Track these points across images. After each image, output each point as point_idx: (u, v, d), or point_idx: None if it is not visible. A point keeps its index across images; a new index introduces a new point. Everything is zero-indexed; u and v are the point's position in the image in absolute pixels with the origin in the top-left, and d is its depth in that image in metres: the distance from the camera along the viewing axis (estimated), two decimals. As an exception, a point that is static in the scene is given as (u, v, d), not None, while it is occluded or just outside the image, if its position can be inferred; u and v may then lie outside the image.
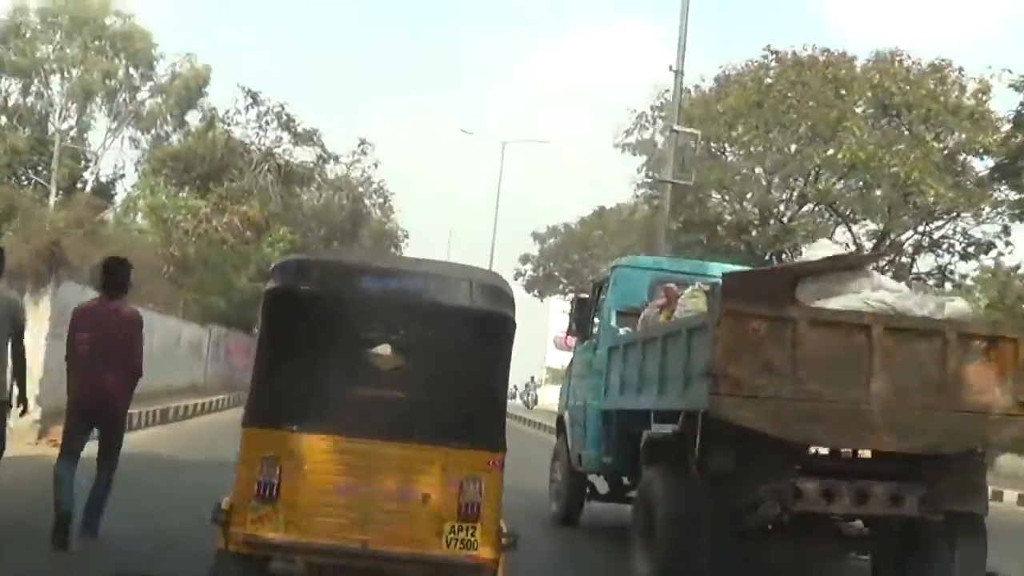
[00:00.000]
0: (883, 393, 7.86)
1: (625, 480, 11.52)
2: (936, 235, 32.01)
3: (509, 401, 9.43)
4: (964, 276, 31.15)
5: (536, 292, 57.51)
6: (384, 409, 6.66)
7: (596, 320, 11.94)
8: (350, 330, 6.68)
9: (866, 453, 8.52)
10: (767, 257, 31.37)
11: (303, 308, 6.73)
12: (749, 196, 32.38)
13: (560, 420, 12.73)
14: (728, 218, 32.97)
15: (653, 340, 9.21)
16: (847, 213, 32.27)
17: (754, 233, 32.75)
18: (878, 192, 30.39)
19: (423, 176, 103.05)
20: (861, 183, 30.67)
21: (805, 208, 33.13)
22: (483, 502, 6.43)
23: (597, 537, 12.08)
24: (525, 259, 56.79)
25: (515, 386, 56.46)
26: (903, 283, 10.01)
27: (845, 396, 7.82)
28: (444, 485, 6.43)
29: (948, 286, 30.20)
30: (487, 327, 6.88)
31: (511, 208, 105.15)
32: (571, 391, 12.43)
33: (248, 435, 6.60)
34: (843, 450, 8.61)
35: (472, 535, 6.39)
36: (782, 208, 33.09)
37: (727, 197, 32.92)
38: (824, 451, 8.69)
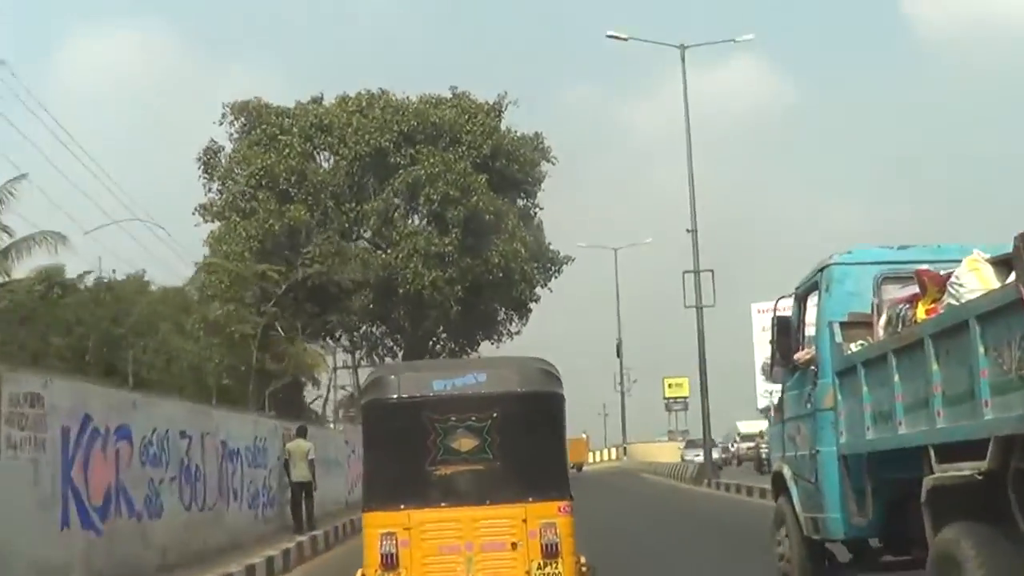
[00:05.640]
0: None
1: (875, 543, 8.68)
2: None
3: None
4: None
5: None
6: (469, 481, 8.41)
7: (806, 341, 9.18)
8: (432, 423, 8.37)
9: None
10: None
11: (393, 413, 8.60)
12: None
13: (778, 477, 9.85)
14: None
15: (915, 345, 6.45)
16: None
17: None
18: None
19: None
20: None
21: None
22: (560, 542, 8.10)
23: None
24: None
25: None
26: None
27: None
28: (527, 533, 8.15)
29: None
30: (541, 404, 8.65)
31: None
32: (787, 438, 9.60)
33: (368, 518, 8.44)
34: None
35: (556, 568, 8.08)
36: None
37: None
38: None
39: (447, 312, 38.42)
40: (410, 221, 38.35)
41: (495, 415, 8.37)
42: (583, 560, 8.37)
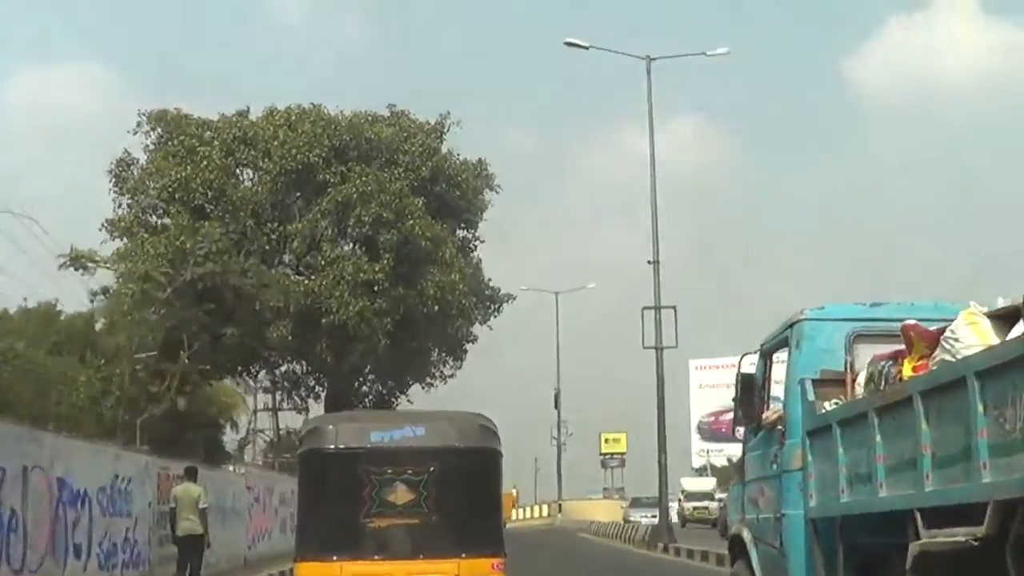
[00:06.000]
0: None
1: None
2: None
3: None
4: None
5: None
6: (404, 534, 8.54)
7: (772, 399, 8.92)
8: (368, 475, 8.47)
9: None
10: None
11: (330, 464, 8.74)
12: None
13: (737, 540, 9.51)
14: None
15: (903, 404, 6.19)
16: None
17: None
18: None
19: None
20: None
21: None
22: None
23: None
24: None
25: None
26: None
27: None
28: None
29: None
30: (478, 460, 8.81)
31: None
32: (748, 500, 9.28)
33: (300, 568, 8.65)
34: None
35: None
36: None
37: None
38: None
39: (375, 347, 34.86)
40: (339, 248, 35.19)
41: (432, 469, 8.56)
42: None
